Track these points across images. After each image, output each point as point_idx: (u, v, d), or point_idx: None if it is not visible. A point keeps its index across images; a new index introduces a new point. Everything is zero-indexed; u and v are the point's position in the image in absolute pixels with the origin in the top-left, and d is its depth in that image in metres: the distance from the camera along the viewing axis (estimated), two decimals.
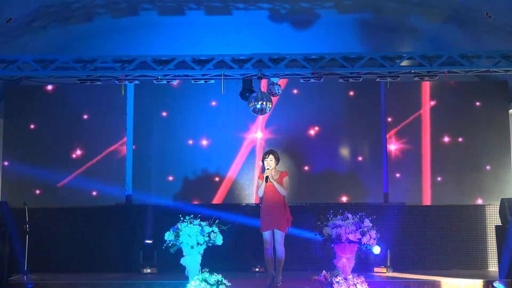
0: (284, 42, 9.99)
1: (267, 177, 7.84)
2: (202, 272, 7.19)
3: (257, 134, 10.19)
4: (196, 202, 9.91)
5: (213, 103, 10.18)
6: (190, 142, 10.18)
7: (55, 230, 9.84)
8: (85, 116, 10.17)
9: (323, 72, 8.15)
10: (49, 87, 10.04)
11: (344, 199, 10.01)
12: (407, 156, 10.13)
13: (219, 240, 7.85)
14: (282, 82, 8.77)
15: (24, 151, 10.09)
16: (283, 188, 7.88)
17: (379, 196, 10.08)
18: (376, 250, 9.16)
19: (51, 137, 10.13)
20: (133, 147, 10.19)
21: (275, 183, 7.85)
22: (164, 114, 10.24)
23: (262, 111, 8.44)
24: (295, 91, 10.14)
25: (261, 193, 7.95)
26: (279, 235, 7.81)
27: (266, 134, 10.19)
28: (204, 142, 10.16)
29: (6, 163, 10.05)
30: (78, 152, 10.11)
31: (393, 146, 10.17)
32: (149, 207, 10.00)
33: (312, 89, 9.89)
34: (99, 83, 8.51)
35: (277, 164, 8.04)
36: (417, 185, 10.07)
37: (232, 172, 10.15)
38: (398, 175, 10.10)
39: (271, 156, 7.95)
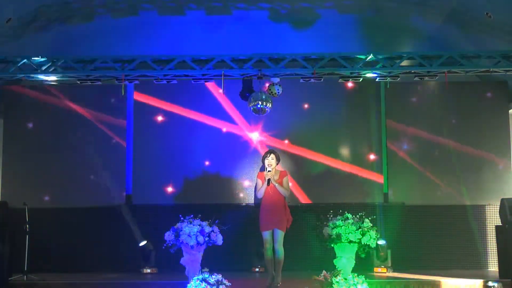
0: (284, 42, 9.99)
1: (269, 179, 7.81)
2: (202, 272, 7.20)
3: (257, 134, 10.19)
4: (196, 202, 9.89)
5: (213, 103, 10.17)
6: (190, 142, 10.17)
7: (55, 230, 9.83)
8: (85, 116, 10.17)
9: (323, 72, 8.16)
10: (49, 87, 10.03)
11: (344, 199, 10.00)
12: (407, 156, 10.13)
13: (219, 240, 7.86)
14: (282, 82, 8.77)
15: (24, 151, 10.09)
16: (284, 189, 7.86)
17: (379, 196, 10.08)
18: (381, 241, 9.22)
19: (51, 137, 10.12)
20: (133, 146, 10.19)
21: (277, 185, 7.81)
22: (164, 113, 10.23)
23: (262, 110, 8.45)
24: (295, 91, 10.13)
25: (261, 195, 7.90)
26: (279, 235, 7.79)
27: (265, 134, 10.19)
28: (204, 142, 10.16)
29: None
30: (78, 152, 10.10)
31: (393, 146, 10.16)
32: (149, 207, 9.99)
33: (312, 89, 9.88)
34: (99, 83, 8.51)
35: (277, 163, 8.03)
36: (417, 185, 10.07)
37: (232, 172, 10.15)
38: (398, 174, 10.10)
39: (272, 156, 7.91)
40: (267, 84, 8.83)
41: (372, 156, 10.17)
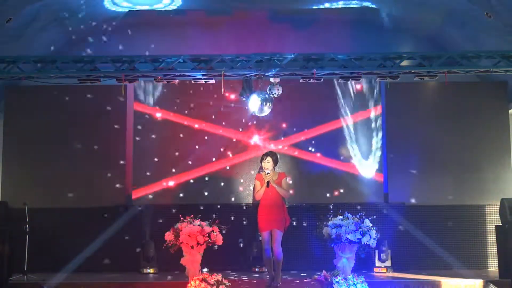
0: (284, 42, 9.99)
1: (268, 182, 7.81)
2: (202, 272, 7.20)
3: (257, 134, 10.18)
4: (196, 202, 9.89)
5: (213, 102, 10.16)
6: (190, 142, 10.16)
7: (55, 230, 9.82)
8: (85, 116, 10.16)
9: (323, 72, 8.15)
10: (49, 87, 10.01)
11: (344, 199, 9.99)
12: (407, 156, 10.12)
13: (219, 240, 7.86)
14: (281, 82, 8.76)
15: (24, 151, 10.08)
16: (284, 191, 7.87)
17: (379, 196, 10.08)
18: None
19: (51, 137, 10.11)
20: (133, 146, 10.18)
21: (277, 187, 7.82)
22: (164, 113, 10.22)
23: (262, 110, 8.45)
24: (294, 91, 10.12)
25: (259, 197, 7.90)
26: (278, 235, 7.80)
27: (265, 134, 10.18)
28: (204, 142, 10.15)
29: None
30: (78, 152, 10.09)
31: (393, 146, 10.16)
32: (149, 207, 9.99)
33: (311, 89, 9.88)
34: (99, 83, 8.50)
35: (275, 165, 8.01)
36: (417, 185, 10.07)
37: (232, 172, 10.14)
38: (398, 174, 10.10)
39: (268, 159, 7.90)
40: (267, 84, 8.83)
41: (372, 156, 10.17)
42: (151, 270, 9.52)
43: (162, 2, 9.83)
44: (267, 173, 7.82)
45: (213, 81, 8.39)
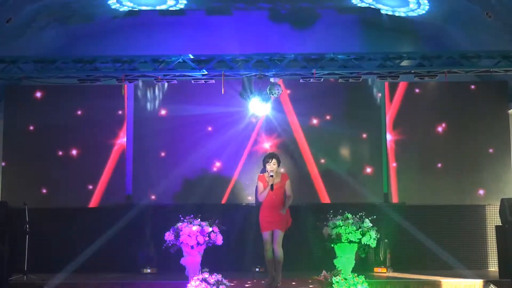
0: (284, 42, 9.99)
1: (272, 185, 7.83)
2: (202, 272, 7.21)
3: (257, 133, 10.17)
4: (196, 202, 9.88)
5: (213, 102, 10.15)
6: (190, 142, 10.16)
7: (55, 230, 9.82)
8: (85, 116, 10.15)
9: (323, 72, 8.15)
10: (49, 87, 10.02)
11: (344, 199, 9.98)
12: (407, 156, 10.12)
13: (219, 240, 7.87)
14: (281, 81, 8.77)
15: (24, 151, 10.08)
16: (290, 201, 7.91)
17: (379, 196, 10.07)
18: None
19: (51, 137, 10.11)
20: (133, 147, 10.18)
21: (285, 207, 7.86)
22: (164, 113, 10.22)
23: (261, 111, 8.46)
24: (294, 91, 10.13)
25: (263, 198, 7.92)
26: (279, 235, 7.80)
27: (265, 134, 10.17)
28: (204, 142, 10.14)
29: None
30: (78, 152, 10.09)
31: (393, 146, 10.16)
32: (149, 207, 9.99)
33: (311, 89, 9.88)
34: (99, 83, 8.51)
35: (278, 166, 8.02)
36: (417, 185, 10.06)
37: (232, 172, 10.13)
38: (397, 174, 10.09)
39: (274, 160, 7.92)
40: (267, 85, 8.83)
41: (372, 156, 10.16)
42: (151, 270, 9.52)
43: (166, 2, 9.83)
44: (271, 176, 7.82)
45: (213, 81, 8.39)
